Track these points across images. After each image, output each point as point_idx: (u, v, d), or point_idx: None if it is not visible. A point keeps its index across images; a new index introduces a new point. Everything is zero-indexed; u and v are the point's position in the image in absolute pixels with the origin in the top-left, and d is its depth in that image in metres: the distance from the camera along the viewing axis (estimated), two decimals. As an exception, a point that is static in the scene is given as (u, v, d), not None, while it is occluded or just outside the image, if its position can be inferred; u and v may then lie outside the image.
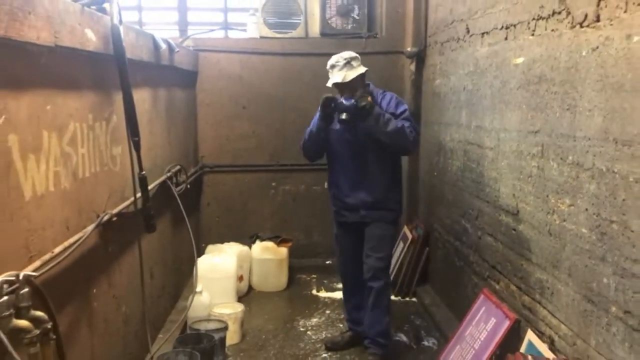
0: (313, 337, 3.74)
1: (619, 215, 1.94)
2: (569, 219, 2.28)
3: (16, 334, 1.38)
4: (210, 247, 4.55)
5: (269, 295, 4.52)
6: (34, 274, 1.52)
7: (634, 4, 1.85)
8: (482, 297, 3.04)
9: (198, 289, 3.55)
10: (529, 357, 2.23)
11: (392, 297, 4.37)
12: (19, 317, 1.39)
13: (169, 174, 3.57)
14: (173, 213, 3.81)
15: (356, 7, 5.05)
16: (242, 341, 3.67)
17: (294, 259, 4.82)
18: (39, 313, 1.48)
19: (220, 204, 5.07)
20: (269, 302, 4.41)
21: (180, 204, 3.47)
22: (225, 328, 3.39)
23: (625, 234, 1.90)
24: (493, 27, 3.10)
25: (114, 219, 2.51)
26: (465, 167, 3.55)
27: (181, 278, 4.19)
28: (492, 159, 3.12)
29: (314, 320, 4.01)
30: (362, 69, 3.28)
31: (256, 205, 5.09)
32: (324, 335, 3.74)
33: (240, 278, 4.42)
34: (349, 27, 5.06)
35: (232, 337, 3.57)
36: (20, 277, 1.41)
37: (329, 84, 3.26)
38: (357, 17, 5.05)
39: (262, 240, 4.69)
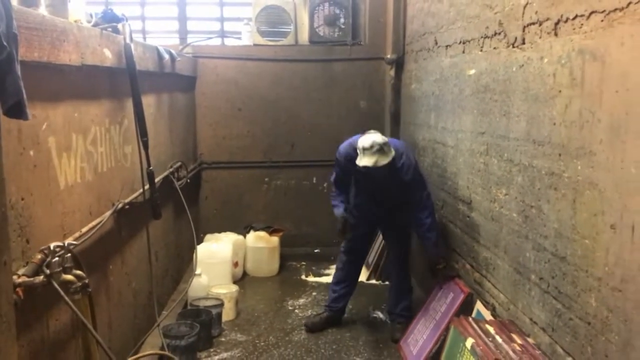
0: (300, 314, 4.20)
1: (535, 201, 2.41)
2: (505, 206, 2.75)
3: (64, 286, 1.85)
4: (208, 236, 5.01)
5: (261, 280, 4.99)
6: (74, 242, 1.99)
7: (545, 32, 2.32)
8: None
9: (197, 271, 4.02)
10: (469, 318, 2.70)
11: (373, 281, 4.88)
12: (65, 273, 1.86)
13: (171, 170, 4.04)
14: (175, 205, 4.27)
15: (342, 17, 5.50)
16: (237, 318, 4.13)
17: (284, 247, 5.27)
18: (79, 272, 1.95)
19: (217, 197, 5.53)
20: (262, 285, 4.87)
21: (182, 196, 3.94)
22: (222, 305, 3.87)
23: (540, 216, 2.37)
24: (454, 41, 3.56)
25: (127, 207, 2.97)
26: (433, 164, 4.02)
27: (182, 264, 4.66)
28: (452, 156, 3.58)
29: (302, 301, 4.47)
30: (391, 155, 3.38)
31: (250, 199, 5.55)
32: (309, 313, 4.20)
33: (236, 264, 4.88)
34: (336, 35, 5.51)
35: (227, 313, 4.03)
36: (65, 245, 1.88)
37: (360, 164, 3.35)
38: (343, 26, 5.50)
39: (255, 230, 5.15)
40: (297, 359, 3.51)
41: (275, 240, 5.13)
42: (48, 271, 1.75)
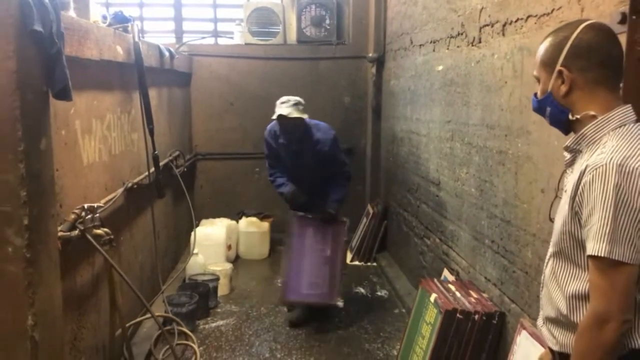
0: (288, 290, 4.61)
1: (489, 176, 2.83)
2: (466, 183, 3.17)
3: (96, 238, 2.24)
4: (204, 221, 5.40)
5: (253, 262, 5.38)
6: (102, 205, 2.38)
7: (496, 33, 2.74)
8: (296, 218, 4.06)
9: (195, 251, 4.41)
10: (435, 279, 3.12)
11: (357, 263, 5.29)
12: (97, 228, 2.25)
13: (170, 158, 4.42)
14: (174, 191, 4.66)
15: (327, 18, 5.91)
16: (231, 293, 4.52)
17: (274, 232, 5.66)
18: (105, 229, 2.34)
19: (211, 186, 5.92)
20: (254, 267, 5.27)
21: (181, 181, 4.33)
22: (217, 279, 4.26)
23: (492, 188, 2.80)
24: (426, 41, 3.98)
25: (135, 187, 3.36)
26: (410, 152, 4.44)
27: (179, 246, 5.05)
28: (425, 144, 4.00)
29: (290, 279, 4.87)
30: (304, 116, 3.84)
31: (242, 188, 5.94)
32: (297, 289, 4.60)
33: (229, 247, 5.27)
34: (321, 35, 5.91)
35: (222, 289, 4.42)
36: (95, 206, 2.27)
37: (275, 115, 3.80)
38: (328, 27, 5.90)
39: (247, 216, 5.55)
40: (286, 326, 3.91)
41: (265, 225, 5.53)
42: (82, 227, 2.13)
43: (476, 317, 2.65)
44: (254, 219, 5.52)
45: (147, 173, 3.54)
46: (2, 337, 1.75)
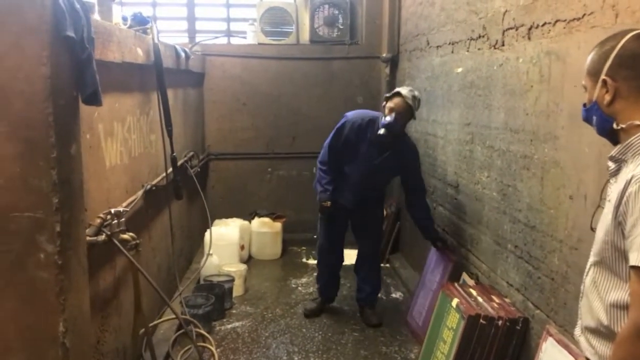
0: (303, 291, 4.60)
1: (512, 181, 2.81)
2: (487, 187, 3.15)
3: (123, 243, 2.23)
4: (217, 221, 5.39)
5: (266, 262, 5.37)
6: (127, 209, 2.37)
7: (521, 36, 2.72)
8: (432, 249, 3.89)
9: (210, 251, 4.40)
10: (455, 284, 3.10)
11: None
12: (123, 233, 2.24)
13: (185, 158, 4.41)
14: (187, 192, 4.64)
15: (340, 18, 5.89)
16: (245, 294, 4.52)
17: (286, 233, 5.66)
18: (131, 233, 2.33)
19: (223, 186, 5.91)
20: (266, 267, 5.26)
21: (196, 182, 4.32)
22: (233, 280, 4.26)
23: (515, 193, 2.78)
24: (444, 42, 3.96)
25: (153, 188, 3.35)
26: (425, 153, 4.41)
27: (193, 246, 5.04)
28: (442, 146, 3.98)
29: (304, 280, 4.86)
30: (414, 114, 3.66)
31: (254, 187, 5.94)
32: (311, 290, 4.59)
33: (242, 247, 5.26)
34: (334, 35, 5.89)
35: (237, 289, 4.42)
36: (121, 210, 2.26)
37: (388, 94, 3.72)
38: (341, 27, 5.88)
39: (260, 216, 5.54)
40: (302, 327, 3.90)
41: (278, 225, 5.52)
42: (109, 232, 2.13)
43: (499, 322, 2.64)
44: (266, 219, 5.51)
45: (164, 174, 3.53)
46: (34, 343, 1.74)
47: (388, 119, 3.59)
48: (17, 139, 1.65)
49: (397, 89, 3.71)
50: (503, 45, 2.94)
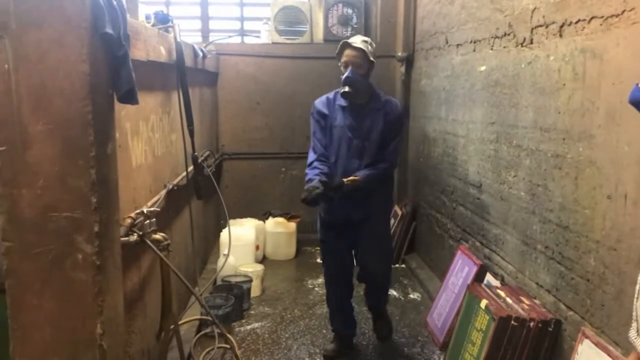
0: (320, 292, 4.56)
1: (542, 180, 2.77)
2: (514, 187, 3.11)
3: (155, 243, 2.20)
4: (231, 222, 5.34)
5: (280, 263, 5.34)
6: (157, 209, 2.34)
7: (551, 34, 2.68)
8: (459, 252, 3.85)
9: (226, 252, 4.36)
10: (482, 284, 3.06)
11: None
12: (154, 233, 2.21)
13: (202, 158, 4.38)
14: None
15: (354, 17, 5.85)
16: (262, 295, 4.49)
17: (300, 233, 5.63)
18: (163, 234, 2.30)
19: (237, 186, 5.88)
20: (281, 267, 5.23)
21: (214, 181, 4.29)
22: (251, 281, 4.22)
23: (545, 193, 2.74)
24: (464, 41, 3.92)
25: (175, 188, 3.32)
26: (444, 153, 4.38)
27: (208, 246, 5.02)
28: (463, 145, 3.94)
29: (320, 280, 4.82)
30: (371, 58, 3.36)
31: (268, 187, 5.90)
32: (328, 291, 4.55)
33: (257, 247, 5.23)
34: (349, 34, 5.84)
35: (254, 290, 4.38)
36: (153, 210, 2.23)
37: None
38: (356, 26, 5.85)
39: (274, 216, 5.51)
40: (322, 329, 3.87)
41: (292, 226, 5.48)
42: (140, 232, 2.09)
43: (531, 324, 2.60)
44: (280, 219, 5.48)
45: (184, 174, 3.50)
46: (72, 346, 1.71)
47: (346, 73, 3.30)
48: (56, 137, 1.62)
49: (342, 41, 3.41)
50: (531, 43, 2.89)
